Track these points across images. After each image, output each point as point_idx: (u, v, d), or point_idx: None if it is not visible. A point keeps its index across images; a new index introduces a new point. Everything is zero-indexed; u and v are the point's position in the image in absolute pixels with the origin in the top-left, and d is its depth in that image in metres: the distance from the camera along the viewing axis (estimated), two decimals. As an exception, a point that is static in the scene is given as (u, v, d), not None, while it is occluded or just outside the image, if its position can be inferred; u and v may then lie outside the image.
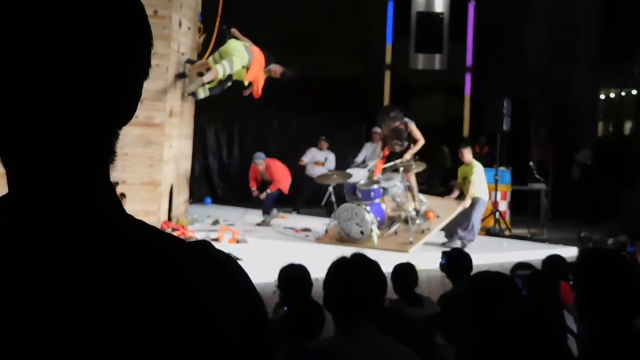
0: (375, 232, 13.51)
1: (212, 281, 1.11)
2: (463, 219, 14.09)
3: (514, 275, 5.86)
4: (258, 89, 14.70)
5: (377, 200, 13.83)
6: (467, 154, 14.31)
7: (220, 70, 14.14)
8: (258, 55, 14.60)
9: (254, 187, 16.32)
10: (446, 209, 14.45)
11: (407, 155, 14.26)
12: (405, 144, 14.33)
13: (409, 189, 14.13)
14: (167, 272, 1.08)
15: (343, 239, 13.74)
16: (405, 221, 13.80)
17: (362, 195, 13.87)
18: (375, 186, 13.93)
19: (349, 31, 19.61)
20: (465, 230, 13.98)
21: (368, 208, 13.57)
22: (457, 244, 13.48)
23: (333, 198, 14.79)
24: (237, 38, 14.66)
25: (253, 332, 1.13)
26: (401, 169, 14.11)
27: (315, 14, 19.45)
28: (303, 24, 19.46)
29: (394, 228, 13.87)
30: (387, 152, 14.75)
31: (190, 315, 1.06)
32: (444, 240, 14.08)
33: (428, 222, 14.13)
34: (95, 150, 1.13)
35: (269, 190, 16.13)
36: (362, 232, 13.56)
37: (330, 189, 15.14)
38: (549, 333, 4.03)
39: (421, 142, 14.48)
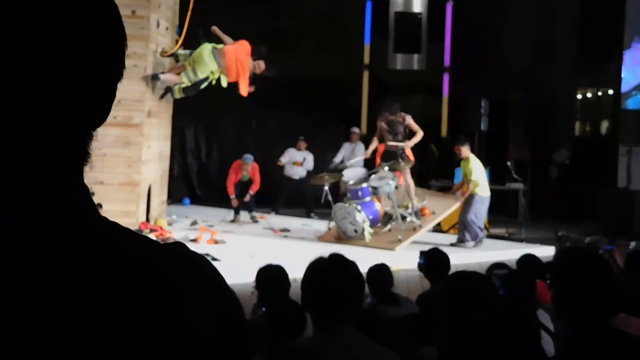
0: (368, 230, 13.64)
1: (188, 282, 1.12)
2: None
3: (490, 275, 5.88)
4: (242, 87, 14.61)
5: (367, 199, 13.95)
6: (464, 150, 14.23)
7: (185, 79, 14.19)
8: (236, 53, 14.46)
9: (233, 194, 16.44)
10: (444, 205, 14.52)
11: (410, 144, 14.55)
12: (400, 138, 14.48)
13: (405, 186, 14.28)
14: (146, 274, 1.08)
15: (341, 237, 13.98)
16: (397, 219, 13.88)
17: (351, 194, 14.10)
18: (364, 185, 14.10)
19: (327, 31, 19.60)
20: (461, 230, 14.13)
21: (359, 207, 13.75)
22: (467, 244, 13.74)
23: (330, 197, 14.84)
24: (217, 37, 14.54)
25: (229, 332, 1.14)
26: (386, 168, 14.19)
27: (294, 13, 19.43)
28: (281, 23, 19.44)
29: (388, 226, 13.96)
30: (382, 148, 14.81)
31: (168, 316, 1.07)
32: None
33: (422, 220, 14.20)
34: (73, 151, 1.14)
35: (252, 192, 16.43)
36: (355, 231, 13.77)
37: (326, 188, 15.19)
38: (524, 332, 4.05)
39: (420, 133, 14.78)
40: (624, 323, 4.35)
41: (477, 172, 14.11)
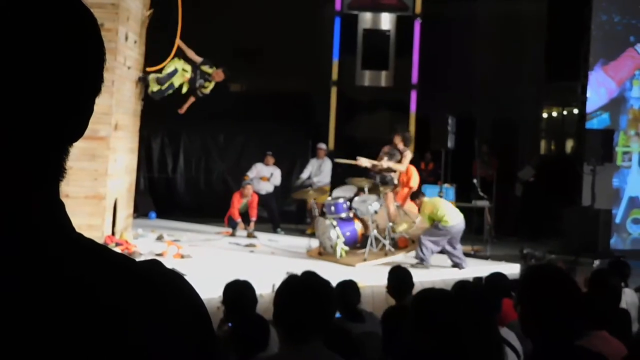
0: (341, 246, 13.60)
1: (163, 301, 1.10)
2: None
3: (456, 292, 5.91)
4: None
5: (344, 215, 13.99)
6: (418, 203, 14.09)
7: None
8: None
9: (239, 218, 16.83)
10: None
11: (389, 163, 14.40)
12: (392, 164, 14.39)
13: (386, 211, 14.27)
14: (108, 294, 1.06)
15: (321, 252, 14.05)
16: (371, 241, 13.82)
17: (326, 209, 14.19)
18: (340, 200, 14.09)
19: (295, 46, 19.65)
20: None
21: (335, 223, 13.74)
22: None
23: (317, 212, 14.86)
24: (182, 50, 14.78)
25: (201, 351, 1.13)
26: (366, 188, 14.19)
27: (262, 29, 19.46)
28: (250, 38, 19.46)
29: (364, 249, 13.88)
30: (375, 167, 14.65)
31: (141, 335, 1.05)
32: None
33: (397, 250, 14.15)
34: (48, 165, 1.11)
35: (253, 219, 16.88)
36: (331, 247, 13.75)
37: (313, 203, 15.23)
38: (489, 351, 4.08)
39: (398, 170, 14.67)
40: (602, 341, 4.39)
41: (432, 213, 13.63)
